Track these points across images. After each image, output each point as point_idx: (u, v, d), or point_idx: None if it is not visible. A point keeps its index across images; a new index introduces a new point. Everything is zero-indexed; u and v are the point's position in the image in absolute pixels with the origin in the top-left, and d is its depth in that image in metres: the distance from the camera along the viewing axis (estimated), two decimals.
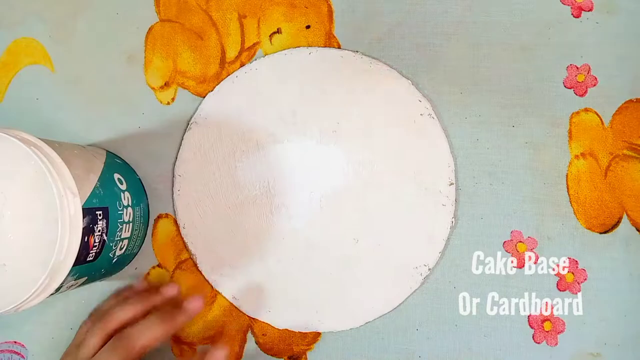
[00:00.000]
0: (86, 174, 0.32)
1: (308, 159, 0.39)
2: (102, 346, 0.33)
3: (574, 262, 0.37)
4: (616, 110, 0.38)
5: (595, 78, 0.38)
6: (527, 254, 0.37)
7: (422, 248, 0.38)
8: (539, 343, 0.37)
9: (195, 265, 0.39)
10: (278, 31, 0.40)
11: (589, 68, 0.38)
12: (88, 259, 0.31)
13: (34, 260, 0.28)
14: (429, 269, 0.38)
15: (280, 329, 0.39)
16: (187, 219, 0.39)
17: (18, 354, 0.40)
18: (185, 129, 0.40)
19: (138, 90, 0.40)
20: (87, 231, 0.30)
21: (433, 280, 0.38)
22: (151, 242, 0.40)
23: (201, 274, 0.39)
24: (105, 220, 0.32)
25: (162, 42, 0.41)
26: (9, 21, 0.42)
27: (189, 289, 0.39)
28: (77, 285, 0.33)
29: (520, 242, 0.38)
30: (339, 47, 0.39)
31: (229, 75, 0.40)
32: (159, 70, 0.40)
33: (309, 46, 0.40)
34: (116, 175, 0.35)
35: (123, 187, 0.36)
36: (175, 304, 0.36)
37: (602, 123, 0.38)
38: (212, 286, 0.39)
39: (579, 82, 0.38)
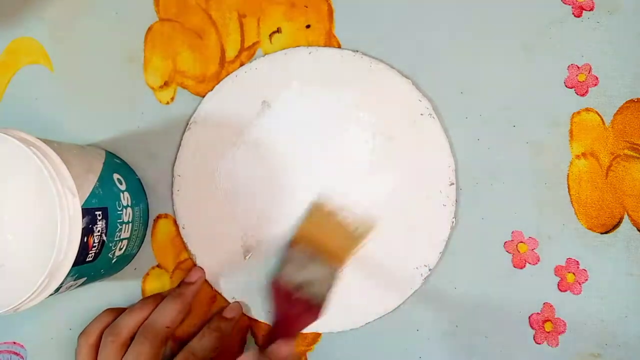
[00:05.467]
0: (85, 174, 0.31)
1: (308, 158, 0.39)
2: (119, 358, 0.34)
3: (575, 263, 0.37)
4: (617, 110, 0.38)
5: (596, 78, 0.38)
6: (528, 254, 0.37)
7: (423, 248, 0.38)
8: (539, 344, 0.37)
9: (194, 265, 0.39)
10: (278, 30, 0.40)
11: (590, 68, 0.38)
12: (87, 260, 0.31)
13: (33, 260, 0.28)
14: (430, 270, 0.38)
15: None
16: (187, 219, 0.39)
17: (17, 354, 0.40)
18: (185, 129, 0.40)
19: (137, 89, 0.40)
20: (86, 231, 0.30)
21: (433, 281, 0.38)
22: (150, 243, 0.40)
23: None
24: (104, 221, 0.32)
25: (162, 42, 0.40)
26: (7, 21, 0.42)
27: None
28: (77, 285, 0.33)
29: (521, 242, 0.37)
30: (339, 47, 0.39)
31: (228, 74, 0.40)
32: (158, 70, 0.40)
33: (309, 46, 0.39)
34: (115, 176, 0.35)
35: (122, 187, 0.35)
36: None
37: (603, 123, 0.38)
38: (211, 286, 0.39)
39: (580, 81, 0.38)
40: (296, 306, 0.35)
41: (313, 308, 0.35)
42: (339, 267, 0.37)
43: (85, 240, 0.30)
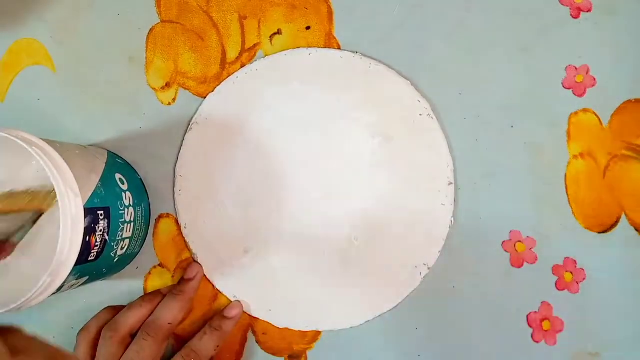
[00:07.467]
0: (88, 174, 0.32)
1: (308, 159, 0.39)
2: (119, 354, 0.34)
3: (572, 262, 0.37)
4: (615, 111, 0.38)
5: (594, 78, 0.38)
6: (526, 253, 0.38)
7: (422, 247, 0.38)
8: (537, 342, 0.37)
9: (192, 262, 0.39)
10: (278, 32, 0.40)
11: (588, 69, 0.38)
12: (89, 259, 0.31)
13: (35, 260, 0.28)
14: (429, 269, 0.38)
15: (281, 327, 0.39)
16: (188, 218, 0.39)
17: None
18: (186, 130, 0.40)
19: (139, 90, 0.41)
20: (89, 231, 0.30)
21: (432, 280, 0.38)
22: (152, 242, 0.40)
23: None
24: (106, 220, 0.32)
25: (163, 43, 0.41)
26: (10, 22, 0.42)
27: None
28: (79, 284, 0.33)
29: (519, 241, 0.38)
30: (339, 48, 0.40)
31: (229, 76, 0.40)
32: (160, 71, 0.41)
33: (309, 47, 0.40)
34: (117, 175, 0.36)
35: (124, 187, 0.36)
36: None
37: (601, 123, 0.38)
38: (213, 285, 0.39)
39: (578, 82, 0.38)
40: None
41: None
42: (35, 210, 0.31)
43: (87, 239, 0.30)
